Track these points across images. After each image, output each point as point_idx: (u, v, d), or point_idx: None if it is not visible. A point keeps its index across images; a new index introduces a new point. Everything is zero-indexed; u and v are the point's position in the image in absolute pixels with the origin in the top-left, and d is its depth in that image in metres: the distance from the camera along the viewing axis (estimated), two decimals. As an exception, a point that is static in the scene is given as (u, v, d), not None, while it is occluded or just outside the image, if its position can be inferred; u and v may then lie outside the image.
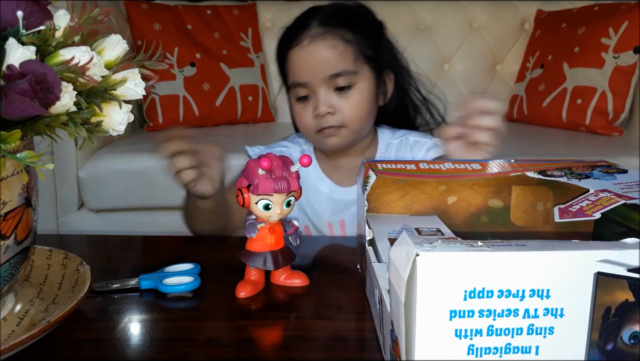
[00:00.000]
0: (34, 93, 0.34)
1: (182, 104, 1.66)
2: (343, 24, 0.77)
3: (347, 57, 0.76)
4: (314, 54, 0.75)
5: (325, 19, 0.77)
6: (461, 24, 1.91)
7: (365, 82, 0.77)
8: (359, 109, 0.77)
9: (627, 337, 0.31)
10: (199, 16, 1.76)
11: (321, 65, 0.75)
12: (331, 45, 0.75)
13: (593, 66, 1.57)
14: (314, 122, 0.77)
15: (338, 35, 0.76)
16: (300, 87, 0.77)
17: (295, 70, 0.77)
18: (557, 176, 0.50)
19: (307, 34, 0.76)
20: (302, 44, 0.76)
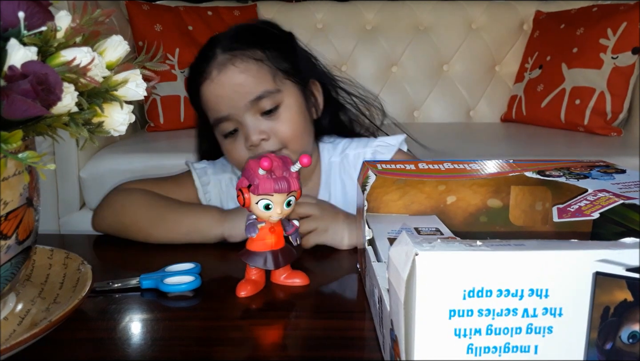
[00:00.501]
0: (35, 94, 0.34)
1: (183, 104, 1.66)
2: (248, 44, 0.71)
3: (263, 77, 0.70)
4: (226, 83, 0.69)
5: (228, 44, 0.71)
6: (460, 24, 1.91)
7: (291, 98, 0.72)
8: (294, 127, 0.71)
9: (626, 336, 0.31)
10: (200, 17, 1.76)
11: (238, 92, 0.68)
12: (242, 69, 0.69)
13: (591, 67, 1.57)
14: (250, 154, 0.70)
15: (246, 56, 0.70)
16: (225, 121, 0.70)
17: (213, 105, 0.71)
18: (555, 176, 0.50)
19: (213, 64, 0.70)
20: (211, 76, 0.70)
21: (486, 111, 1.92)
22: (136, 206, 0.69)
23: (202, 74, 0.71)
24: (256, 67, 0.70)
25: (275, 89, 0.70)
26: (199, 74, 0.72)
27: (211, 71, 0.70)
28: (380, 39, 1.90)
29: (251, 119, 0.69)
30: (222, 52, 0.70)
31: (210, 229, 0.65)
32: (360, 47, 1.90)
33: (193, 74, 0.73)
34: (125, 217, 0.69)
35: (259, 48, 0.71)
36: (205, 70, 0.71)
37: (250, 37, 0.73)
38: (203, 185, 0.77)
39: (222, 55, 0.70)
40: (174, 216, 0.68)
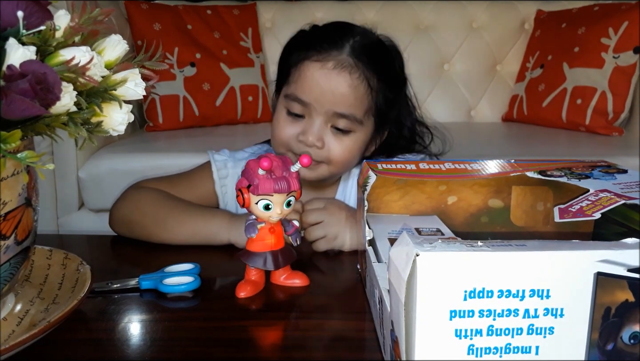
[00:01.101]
0: (34, 93, 0.34)
1: (182, 104, 1.66)
2: (373, 64, 0.70)
3: (361, 104, 0.69)
4: (333, 82, 0.67)
5: (358, 49, 0.69)
6: (461, 24, 1.91)
7: (364, 134, 0.72)
8: (348, 157, 0.71)
9: (627, 337, 0.31)
10: (199, 16, 1.76)
11: (334, 97, 0.67)
12: (355, 84, 0.68)
13: (593, 66, 1.57)
14: (294, 143, 0.70)
15: (364, 76, 0.69)
16: (299, 104, 0.69)
17: (304, 85, 0.69)
18: (557, 176, 0.50)
19: (335, 55, 0.68)
20: (327, 64, 0.68)
21: (487, 110, 1.92)
22: (146, 205, 0.70)
23: (318, 52, 0.69)
24: (364, 91, 0.69)
25: (360, 118, 0.70)
26: (315, 49, 0.69)
27: (329, 59, 0.68)
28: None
29: (321, 123, 0.69)
30: (350, 51, 0.69)
31: (218, 234, 0.65)
32: (360, 46, 1.90)
33: (309, 43, 0.71)
34: (135, 215, 0.70)
35: (377, 75, 0.70)
36: (324, 53, 0.68)
37: (378, 57, 0.72)
38: (221, 178, 0.78)
39: (347, 56, 0.68)
40: (183, 217, 0.68)
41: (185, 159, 1.37)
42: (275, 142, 0.74)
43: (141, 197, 0.72)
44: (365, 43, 0.71)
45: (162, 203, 0.70)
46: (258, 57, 1.82)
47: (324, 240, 0.64)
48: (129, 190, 0.74)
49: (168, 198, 0.72)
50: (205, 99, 1.69)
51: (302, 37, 0.74)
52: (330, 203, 0.67)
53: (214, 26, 1.76)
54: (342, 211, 0.66)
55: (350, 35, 0.70)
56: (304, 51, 0.70)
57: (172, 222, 0.67)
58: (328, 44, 0.69)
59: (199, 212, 0.69)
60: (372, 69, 0.70)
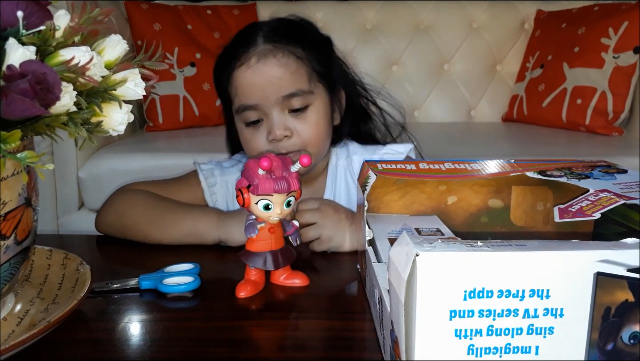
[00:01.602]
0: (34, 93, 0.34)
1: (182, 104, 1.66)
2: (291, 39, 0.71)
3: (300, 76, 0.70)
4: (264, 73, 0.68)
5: (271, 35, 0.70)
6: (461, 24, 1.91)
7: (320, 102, 0.72)
8: (317, 131, 0.72)
9: (627, 337, 0.31)
10: (199, 16, 1.76)
11: (274, 85, 0.68)
12: (282, 63, 0.69)
13: (593, 66, 1.57)
14: (269, 147, 0.70)
15: (288, 51, 0.70)
16: (251, 110, 0.70)
17: (244, 92, 0.70)
18: (556, 176, 0.50)
19: (253, 51, 0.69)
20: (250, 62, 0.69)
21: (487, 110, 1.92)
22: (136, 207, 0.70)
23: (239, 58, 0.70)
24: (296, 64, 0.70)
25: (308, 89, 0.71)
26: (234, 57, 0.71)
27: (250, 57, 0.69)
28: (381, 38, 1.90)
29: (278, 113, 0.69)
30: (264, 41, 0.70)
31: (208, 232, 0.65)
32: (360, 46, 1.90)
33: (227, 56, 0.72)
34: (125, 217, 0.69)
35: (300, 46, 0.71)
36: (243, 55, 0.70)
37: (294, 33, 0.73)
38: (209, 186, 0.78)
39: (264, 45, 0.70)
40: (173, 217, 0.68)
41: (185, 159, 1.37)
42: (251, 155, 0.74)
43: (132, 199, 0.71)
44: (273, 26, 0.73)
45: (154, 204, 0.70)
46: (258, 57, 1.82)
47: (318, 241, 0.64)
48: (117, 193, 0.73)
49: (159, 199, 0.72)
50: (205, 99, 1.69)
51: (221, 58, 0.75)
52: (324, 205, 0.66)
53: (214, 26, 1.76)
54: (337, 212, 0.65)
55: (258, 29, 0.72)
56: (228, 66, 0.72)
57: (164, 222, 0.67)
58: (242, 46, 0.70)
59: (189, 212, 0.69)
60: (291, 42, 0.71)
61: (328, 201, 0.69)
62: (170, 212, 0.69)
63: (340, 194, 0.80)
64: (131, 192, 0.73)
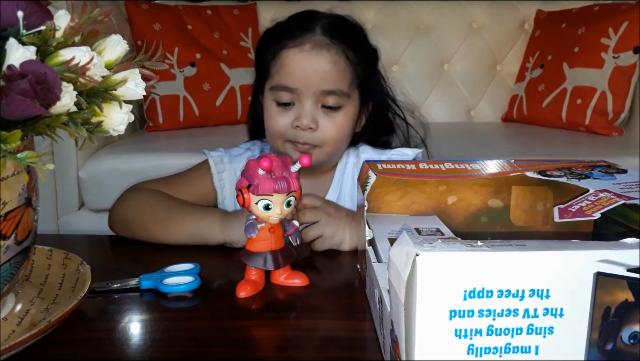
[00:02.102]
0: (34, 93, 0.34)
1: (182, 104, 1.66)
2: (347, 40, 0.72)
3: (345, 77, 0.71)
4: (314, 62, 0.70)
5: (329, 29, 0.72)
6: (461, 24, 1.91)
7: (352, 107, 0.74)
8: (341, 133, 0.73)
9: (627, 337, 0.31)
10: (199, 16, 1.76)
11: (319, 77, 0.70)
12: (334, 59, 0.70)
13: (593, 66, 1.57)
14: (290, 132, 0.71)
15: (341, 50, 0.71)
16: (287, 91, 0.71)
17: (288, 72, 0.71)
18: (556, 176, 0.50)
19: (310, 38, 0.71)
20: (304, 47, 0.70)
21: (487, 110, 1.92)
22: (144, 207, 0.70)
23: (294, 40, 0.71)
24: (344, 64, 0.71)
25: (347, 92, 0.72)
26: (288, 38, 0.71)
27: (305, 42, 0.70)
28: (381, 38, 1.89)
29: (312, 104, 0.71)
30: (322, 32, 0.71)
31: (212, 234, 0.66)
32: (360, 46, 1.90)
33: (279, 34, 0.73)
34: (133, 217, 0.70)
35: (352, 49, 0.73)
36: (299, 38, 0.71)
37: (350, 34, 0.75)
38: (219, 172, 0.79)
39: (321, 36, 0.71)
40: (177, 218, 0.68)
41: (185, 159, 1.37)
42: (271, 135, 0.75)
43: (140, 198, 0.72)
44: (332, 21, 0.74)
45: (160, 204, 0.71)
46: (258, 57, 1.82)
47: (320, 240, 0.64)
48: (127, 192, 0.74)
49: (166, 198, 0.72)
50: (205, 99, 1.69)
51: (271, 33, 0.76)
52: (325, 203, 0.67)
53: (214, 26, 1.76)
54: (338, 211, 0.66)
55: (317, 18, 0.73)
56: (278, 43, 0.72)
57: (169, 222, 0.68)
58: (300, 29, 0.71)
59: (193, 212, 0.69)
60: (346, 43, 0.72)
61: (328, 201, 0.69)
62: (175, 212, 0.69)
63: (345, 190, 0.81)
64: (140, 191, 0.74)
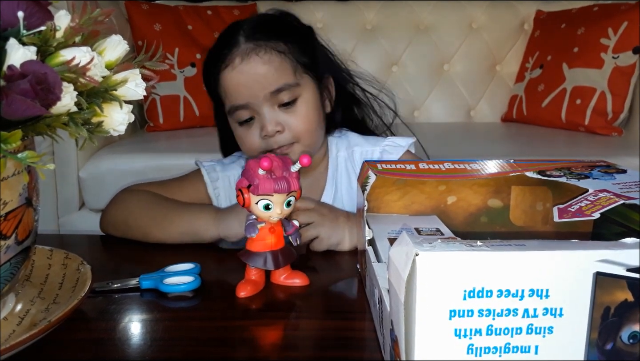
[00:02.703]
0: (34, 93, 0.34)
1: (183, 104, 1.66)
2: (272, 35, 0.71)
3: (285, 70, 0.70)
4: (249, 72, 0.69)
5: (252, 33, 0.71)
6: (461, 24, 1.91)
7: (308, 93, 0.73)
8: (308, 122, 0.72)
9: (627, 337, 0.31)
10: (200, 16, 1.76)
11: (259, 83, 0.69)
12: (265, 60, 0.69)
13: (592, 66, 1.57)
14: (263, 144, 0.71)
15: (270, 47, 0.70)
16: (242, 109, 0.71)
17: (232, 93, 0.71)
18: (556, 176, 0.50)
19: (236, 52, 0.70)
20: (234, 63, 0.70)
21: (487, 110, 1.92)
22: (138, 207, 0.70)
23: (224, 60, 0.71)
24: (279, 59, 0.70)
25: (294, 82, 0.71)
26: (220, 60, 0.72)
27: (234, 58, 0.70)
28: (381, 39, 1.90)
29: (269, 110, 0.70)
30: (245, 40, 0.71)
31: (206, 230, 0.66)
32: (360, 46, 1.90)
33: (213, 59, 0.73)
34: (128, 217, 0.70)
35: (281, 40, 0.72)
36: (227, 57, 0.71)
37: (274, 28, 0.74)
38: (212, 181, 0.79)
39: (245, 44, 0.70)
40: (172, 216, 0.68)
41: (186, 159, 1.37)
42: (250, 154, 0.74)
43: (134, 199, 0.72)
44: (252, 25, 0.73)
45: (155, 203, 0.71)
46: (258, 58, 1.82)
47: (318, 240, 0.64)
48: (121, 193, 0.75)
49: (160, 198, 0.72)
50: (205, 99, 1.66)
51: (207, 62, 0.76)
52: (319, 204, 0.67)
53: (214, 26, 1.76)
54: (333, 212, 0.66)
55: (237, 28, 0.72)
56: (214, 68, 0.73)
57: (164, 221, 0.68)
58: (226, 47, 0.71)
59: (187, 210, 0.69)
60: (272, 37, 0.71)
61: (322, 202, 0.69)
62: (169, 211, 0.69)
63: (341, 185, 0.80)
64: (134, 192, 0.74)
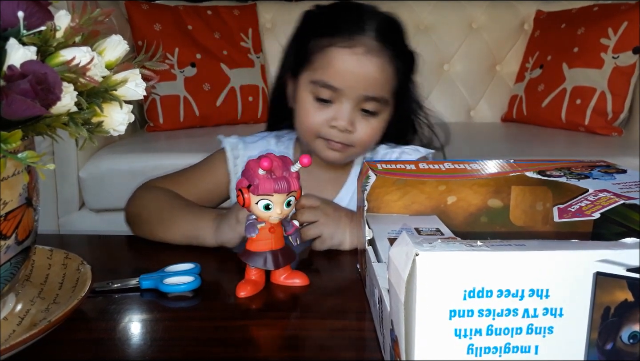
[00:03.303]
0: (34, 93, 0.34)
1: (183, 104, 1.66)
2: (397, 46, 0.71)
3: (388, 84, 0.71)
4: (364, 67, 0.68)
5: (382, 32, 0.70)
6: (461, 24, 1.91)
7: (387, 114, 0.73)
8: (373, 138, 0.73)
9: (627, 337, 0.31)
10: (200, 17, 1.76)
11: (365, 82, 0.68)
12: (384, 67, 0.69)
13: (592, 66, 1.57)
14: (325, 129, 0.71)
15: (391, 57, 0.70)
16: (329, 89, 0.69)
17: (335, 72, 0.68)
18: (556, 176, 0.50)
19: (362, 40, 0.68)
20: (356, 49, 0.68)
21: (487, 110, 1.92)
22: (149, 205, 0.72)
23: (345, 39, 0.68)
24: (390, 72, 0.70)
25: (387, 99, 0.71)
26: (339, 34, 0.69)
27: (357, 44, 0.68)
28: (381, 39, 1.90)
29: (352, 107, 0.70)
30: (375, 36, 0.69)
31: (205, 237, 0.65)
32: (360, 46, 1.90)
33: (328, 28, 0.70)
34: (140, 214, 0.71)
35: (401, 57, 0.71)
36: (350, 39, 0.68)
37: (400, 41, 0.73)
38: (234, 158, 0.80)
39: (373, 40, 0.69)
40: (176, 219, 0.68)
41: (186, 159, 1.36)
42: (303, 130, 0.74)
43: (147, 196, 0.73)
44: (384, 24, 0.71)
45: (164, 203, 0.71)
46: (258, 58, 1.82)
47: (320, 240, 0.64)
48: (139, 189, 0.75)
49: (170, 198, 0.73)
50: (205, 99, 1.69)
51: (317, 23, 0.73)
52: (324, 203, 0.66)
53: (214, 26, 1.76)
54: (337, 211, 0.66)
55: (368, 17, 0.71)
56: (327, 37, 0.69)
57: (169, 223, 0.68)
58: (351, 28, 0.69)
59: (189, 213, 0.69)
60: (395, 50, 0.71)
61: (328, 201, 0.69)
62: (175, 213, 0.69)
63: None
64: (149, 189, 0.75)
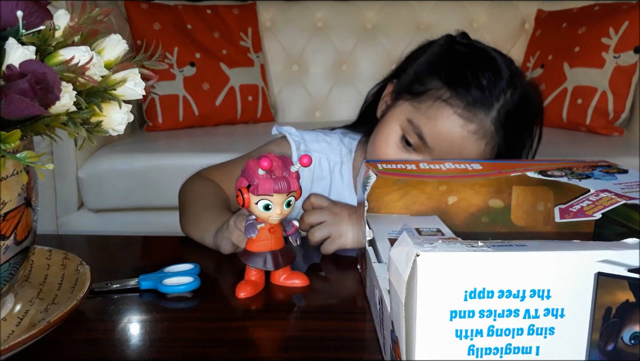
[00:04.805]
0: (33, 93, 0.34)
1: (182, 103, 1.66)
2: (511, 133, 0.65)
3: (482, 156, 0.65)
4: (467, 145, 0.63)
5: (504, 116, 0.63)
6: (461, 24, 1.91)
7: None
8: None
9: (628, 337, 0.31)
10: (199, 16, 1.76)
11: (458, 155, 0.64)
12: (485, 151, 0.64)
13: (593, 66, 1.57)
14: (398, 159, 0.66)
15: (497, 145, 0.64)
16: (420, 140, 0.64)
17: (435, 130, 0.63)
18: (557, 176, 0.50)
19: (480, 118, 0.62)
20: (469, 126, 0.62)
21: (487, 110, 1.91)
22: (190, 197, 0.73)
23: (464, 106, 0.62)
24: (489, 154, 0.65)
25: None
26: (461, 95, 0.63)
27: (473, 120, 0.63)
28: (381, 38, 1.90)
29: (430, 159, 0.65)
30: (495, 119, 0.63)
31: (203, 238, 0.65)
32: (360, 46, 1.90)
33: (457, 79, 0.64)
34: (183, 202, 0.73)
35: (508, 142, 0.65)
36: (469, 110, 0.62)
37: (518, 126, 0.67)
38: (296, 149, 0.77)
39: (491, 124, 0.63)
40: (197, 218, 0.69)
41: (185, 159, 1.37)
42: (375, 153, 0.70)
43: (187, 190, 0.75)
44: (510, 108, 0.65)
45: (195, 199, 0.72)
46: (258, 57, 1.82)
47: (330, 241, 0.62)
48: (190, 178, 0.77)
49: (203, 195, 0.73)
50: (205, 98, 1.69)
51: (452, 60, 0.68)
52: (332, 203, 0.65)
53: (213, 26, 1.76)
54: (343, 209, 0.65)
55: (499, 93, 0.64)
56: (449, 88, 0.64)
57: (192, 221, 0.69)
58: (478, 99, 0.63)
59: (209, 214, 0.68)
60: (508, 138, 0.65)
61: (335, 201, 0.69)
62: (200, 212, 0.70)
63: None
64: (198, 179, 0.76)
